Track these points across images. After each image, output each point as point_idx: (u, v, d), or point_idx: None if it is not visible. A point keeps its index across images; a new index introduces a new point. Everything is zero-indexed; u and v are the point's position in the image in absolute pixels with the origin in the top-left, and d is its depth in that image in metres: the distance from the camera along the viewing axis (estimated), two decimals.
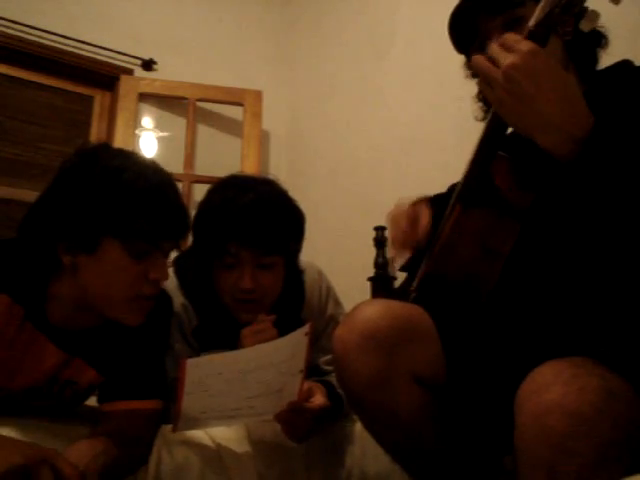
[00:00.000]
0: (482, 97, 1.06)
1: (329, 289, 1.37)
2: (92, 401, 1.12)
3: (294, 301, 1.30)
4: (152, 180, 0.93)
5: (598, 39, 0.96)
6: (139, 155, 1.01)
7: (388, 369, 0.88)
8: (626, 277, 0.80)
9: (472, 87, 1.10)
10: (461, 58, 1.10)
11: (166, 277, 0.98)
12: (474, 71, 0.74)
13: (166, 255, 0.98)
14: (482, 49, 0.92)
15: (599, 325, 0.79)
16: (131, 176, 0.91)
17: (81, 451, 0.82)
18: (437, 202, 1.12)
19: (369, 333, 0.89)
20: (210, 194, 1.22)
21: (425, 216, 1.01)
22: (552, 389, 0.61)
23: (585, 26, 0.73)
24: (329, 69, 2.94)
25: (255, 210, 1.13)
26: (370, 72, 2.65)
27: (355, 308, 0.94)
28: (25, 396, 0.99)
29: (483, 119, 1.05)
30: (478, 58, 0.73)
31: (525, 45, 0.69)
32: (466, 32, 0.96)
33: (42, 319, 0.95)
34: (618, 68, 0.93)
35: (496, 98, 0.71)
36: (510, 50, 0.69)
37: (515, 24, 0.88)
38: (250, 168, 2.75)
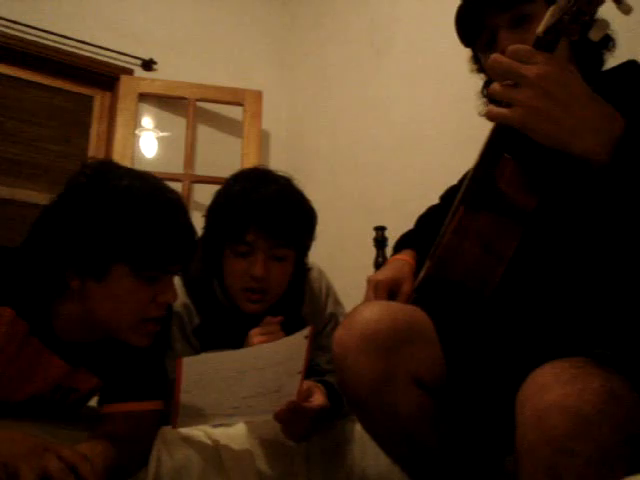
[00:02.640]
0: (486, 93, 1.04)
1: (329, 288, 1.38)
2: (93, 401, 1.12)
3: (295, 299, 1.30)
4: (162, 203, 0.91)
5: (605, 42, 0.94)
6: (146, 174, 0.98)
7: (388, 371, 0.88)
8: (627, 278, 0.80)
9: (472, 87, 1.10)
10: (462, 58, 1.10)
11: (175, 299, 0.98)
12: (491, 96, 0.71)
13: (174, 275, 0.98)
14: (489, 44, 0.92)
15: (600, 326, 0.79)
16: (141, 199, 0.89)
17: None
18: (429, 221, 1.13)
19: (368, 335, 0.88)
20: (229, 184, 1.23)
21: (403, 296, 1.03)
22: (553, 390, 0.61)
23: (595, 35, 0.70)
24: (329, 69, 2.94)
25: (277, 200, 1.15)
26: (370, 72, 2.65)
27: (354, 310, 0.94)
28: (27, 404, 0.99)
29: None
30: (495, 86, 0.69)
31: (541, 55, 0.67)
32: (473, 27, 0.94)
33: (48, 333, 0.95)
34: (624, 68, 0.92)
35: (522, 116, 0.67)
36: (529, 62, 0.67)
37: (523, 21, 0.88)
38: None
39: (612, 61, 0.97)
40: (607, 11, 0.78)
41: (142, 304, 0.92)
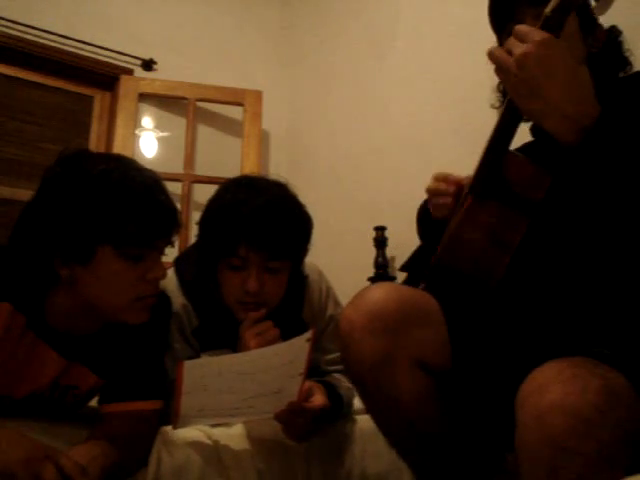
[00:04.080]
0: (502, 88, 1.09)
1: (329, 289, 1.37)
2: (93, 401, 1.12)
3: (295, 303, 1.30)
4: (138, 181, 0.92)
5: (623, 64, 0.99)
6: (121, 156, 1.00)
7: (392, 351, 0.88)
8: (629, 276, 0.80)
9: (472, 87, 1.10)
10: (462, 58, 1.10)
11: (164, 275, 0.98)
12: (490, 60, 0.78)
13: (161, 253, 0.98)
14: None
15: (600, 324, 0.79)
16: (116, 180, 0.90)
17: (80, 455, 0.82)
18: None
19: (375, 314, 0.88)
20: (221, 193, 1.19)
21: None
22: (553, 389, 0.61)
23: (599, 11, 0.75)
24: (329, 69, 2.94)
25: (268, 213, 1.11)
26: (370, 72, 2.65)
27: (363, 289, 0.94)
28: (26, 402, 0.99)
29: (498, 108, 1.07)
30: (494, 48, 0.77)
31: (537, 35, 0.72)
32: (503, 15, 1.00)
33: (43, 326, 0.95)
34: (631, 80, 0.94)
35: (510, 85, 0.76)
36: (523, 40, 0.73)
37: None
38: (250, 168, 2.75)
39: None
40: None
41: (131, 283, 0.93)
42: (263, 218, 1.11)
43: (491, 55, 0.77)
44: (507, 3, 0.98)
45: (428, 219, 1.09)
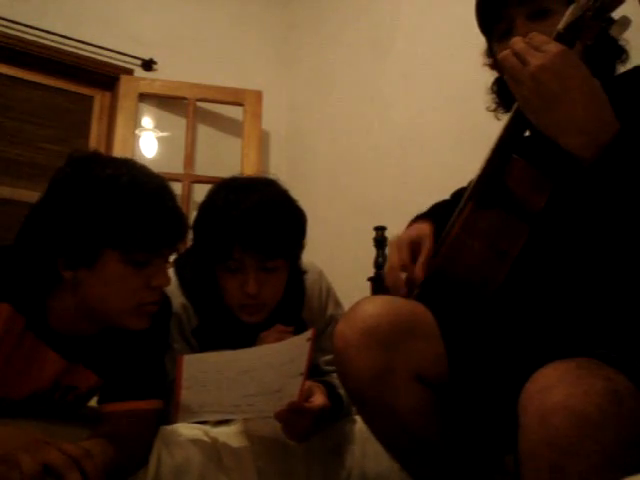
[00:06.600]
0: (496, 89, 1.06)
1: (329, 289, 1.37)
2: (93, 401, 1.12)
3: (295, 302, 1.30)
4: (147, 187, 0.92)
5: (619, 52, 0.96)
6: (131, 161, 0.99)
7: (388, 366, 0.88)
8: (632, 279, 0.80)
9: (472, 87, 1.10)
10: (461, 58, 1.10)
11: (168, 283, 0.98)
12: (500, 66, 0.76)
13: (166, 260, 0.98)
14: (505, 34, 0.93)
15: (604, 326, 0.79)
16: (125, 185, 0.90)
17: None
18: (442, 208, 1.13)
19: (370, 329, 0.88)
20: (212, 196, 1.19)
21: (425, 252, 0.99)
22: (556, 390, 0.61)
23: (616, 32, 0.73)
24: (329, 69, 2.94)
25: (259, 214, 1.11)
26: (370, 72, 2.65)
27: (357, 304, 0.94)
28: (27, 403, 0.99)
29: (495, 110, 1.06)
30: (507, 55, 0.74)
31: (555, 46, 0.70)
32: (492, 15, 0.96)
33: (43, 327, 0.95)
34: (631, 75, 0.93)
35: (522, 96, 0.73)
36: (539, 50, 0.70)
37: (540, 15, 0.89)
38: (250, 168, 2.75)
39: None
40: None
41: (135, 289, 0.93)
42: (254, 220, 1.10)
43: (505, 61, 0.74)
44: (493, 4, 0.94)
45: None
